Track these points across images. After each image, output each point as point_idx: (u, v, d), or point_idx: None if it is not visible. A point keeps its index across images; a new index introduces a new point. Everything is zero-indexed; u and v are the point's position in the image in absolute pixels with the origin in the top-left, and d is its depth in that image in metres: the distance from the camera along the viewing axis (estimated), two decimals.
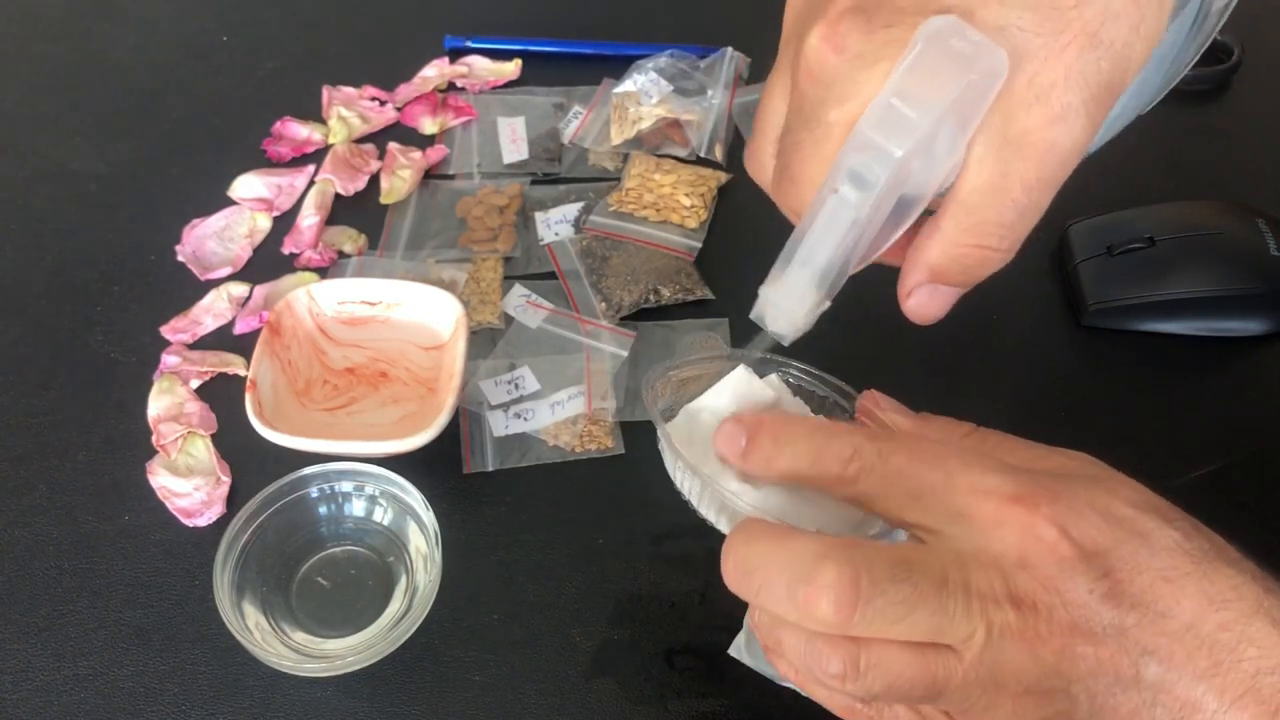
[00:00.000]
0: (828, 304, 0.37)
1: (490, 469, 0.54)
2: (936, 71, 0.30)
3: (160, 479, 0.53)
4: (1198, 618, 0.30)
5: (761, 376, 0.42)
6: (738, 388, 0.42)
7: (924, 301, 0.36)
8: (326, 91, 0.73)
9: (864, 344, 0.57)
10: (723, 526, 0.39)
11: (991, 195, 0.32)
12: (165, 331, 0.60)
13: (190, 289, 0.62)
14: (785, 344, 0.38)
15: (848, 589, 0.31)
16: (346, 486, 0.51)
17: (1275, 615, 0.30)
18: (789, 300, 0.37)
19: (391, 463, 0.50)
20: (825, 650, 0.32)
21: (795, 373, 0.44)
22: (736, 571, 0.34)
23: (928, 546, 0.33)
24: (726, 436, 0.37)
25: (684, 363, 0.44)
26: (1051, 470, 0.35)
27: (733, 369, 0.42)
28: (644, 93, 0.69)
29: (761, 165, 0.38)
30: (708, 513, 0.39)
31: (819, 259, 0.35)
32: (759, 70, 0.75)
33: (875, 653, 0.32)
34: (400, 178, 0.67)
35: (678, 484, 0.40)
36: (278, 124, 0.72)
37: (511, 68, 0.76)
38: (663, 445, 0.40)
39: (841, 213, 0.33)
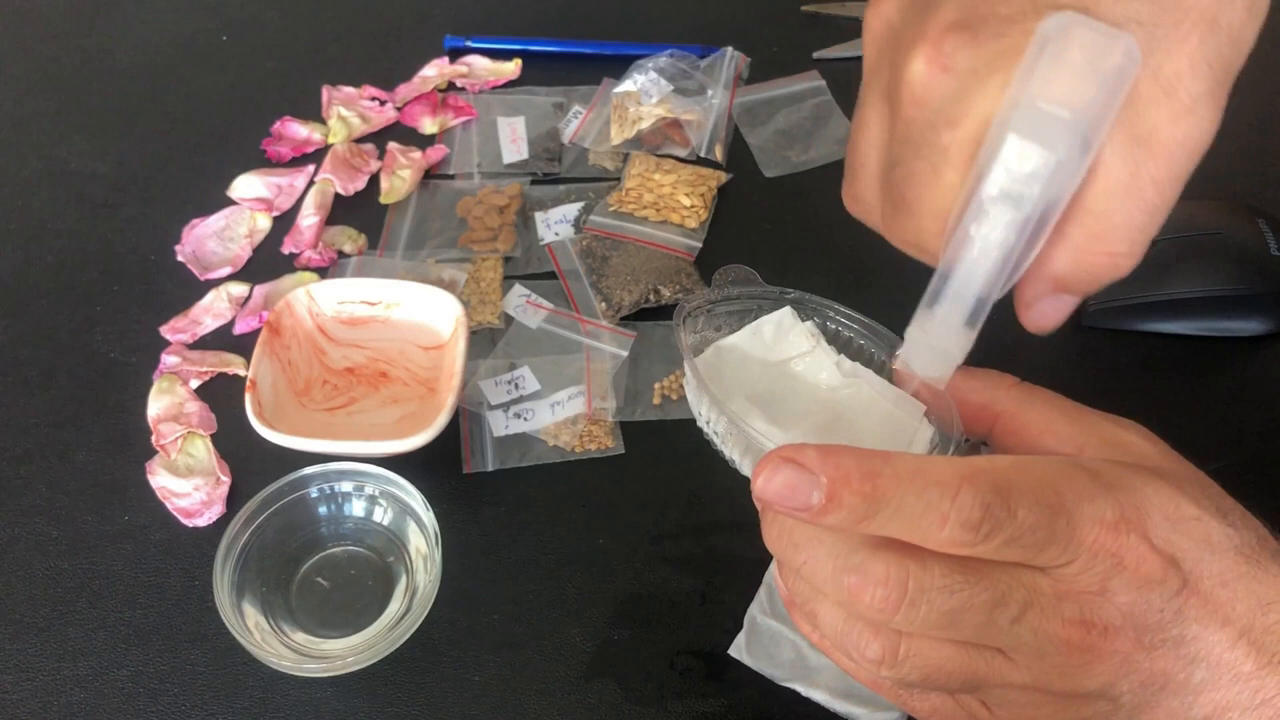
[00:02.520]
0: (975, 336, 0.35)
1: (490, 469, 0.54)
2: (1074, 67, 0.29)
3: (160, 479, 0.53)
4: (1250, 623, 0.30)
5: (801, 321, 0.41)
6: (776, 330, 0.41)
7: (1047, 313, 0.34)
8: (326, 91, 0.73)
9: None
10: (746, 469, 0.37)
11: (1123, 198, 0.30)
12: (165, 331, 0.60)
13: (190, 289, 0.62)
14: (940, 387, 0.37)
15: (895, 589, 0.30)
16: (346, 486, 0.51)
17: None
18: (945, 340, 0.35)
19: (391, 463, 0.50)
20: (865, 634, 0.31)
21: (836, 318, 0.42)
22: (781, 542, 0.32)
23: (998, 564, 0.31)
24: (787, 478, 0.30)
25: (721, 297, 0.42)
26: (1119, 457, 0.33)
27: (773, 309, 0.41)
28: (644, 93, 0.69)
29: (867, 204, 0.35)
30: (732, 453, 0.38)
31: (973, 291, 0.33)
32: (759, 70, 0.75)
33: (916, 644, 0.31)
34: (400, 178, 0.67)
35: (701, 422, 0.38)
36: (278, 124, 0.72)
37: (511, 68, 0.76)
38: (688, 380, 0.38)
39: (994, 237, 0.31)
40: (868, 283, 0.60)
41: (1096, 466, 0.32)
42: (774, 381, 0.42)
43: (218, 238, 0.65)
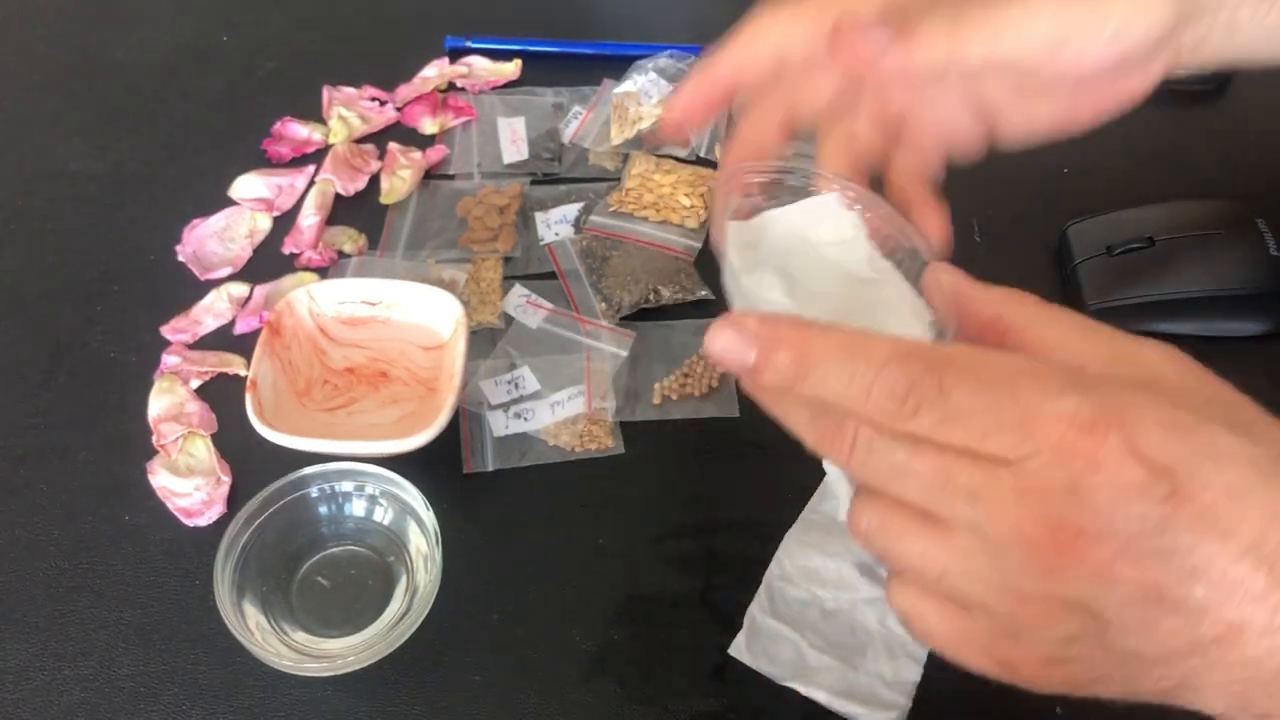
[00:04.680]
0: None
1: (490, 469, 0.54)
2: None
3: (160, 479, 0.53)
4: (1260, 537, 0.29)
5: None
6: (823, 212, 0.42)
7: None
8: (326, 91, 0.73)
9: None
10: None
11: None
12: (165, 331, 0.60)
13: (190, 289, 0.62)
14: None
15: (847, 431, 0.32)
16: (347, 486, 0.51)
17: None
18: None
19: (391, 463, 0.50)
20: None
21: (881, 213, 0.43)
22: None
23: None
24: (726, 342, 0.32)
25: (770, 167, 0.43)
26: (1130, 374, 0.33)
27: (817, 193, 0.42)
28: (644, 93, 0.69)
29: None
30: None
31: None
32: None
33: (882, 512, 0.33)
34: (400, 178, 0.67)
35: (729, 287, 0.39)
36: (278, 124, 0.72)
37: (511, 68, 0.76)
38: (724, 245, 0.40)
39: None
40: None
41: (1082, 372, 0.32)
42: (807, 260, 0.42)
43: (218, 238, 0.65)
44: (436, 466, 0.53)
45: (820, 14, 0.42)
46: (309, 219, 0.65)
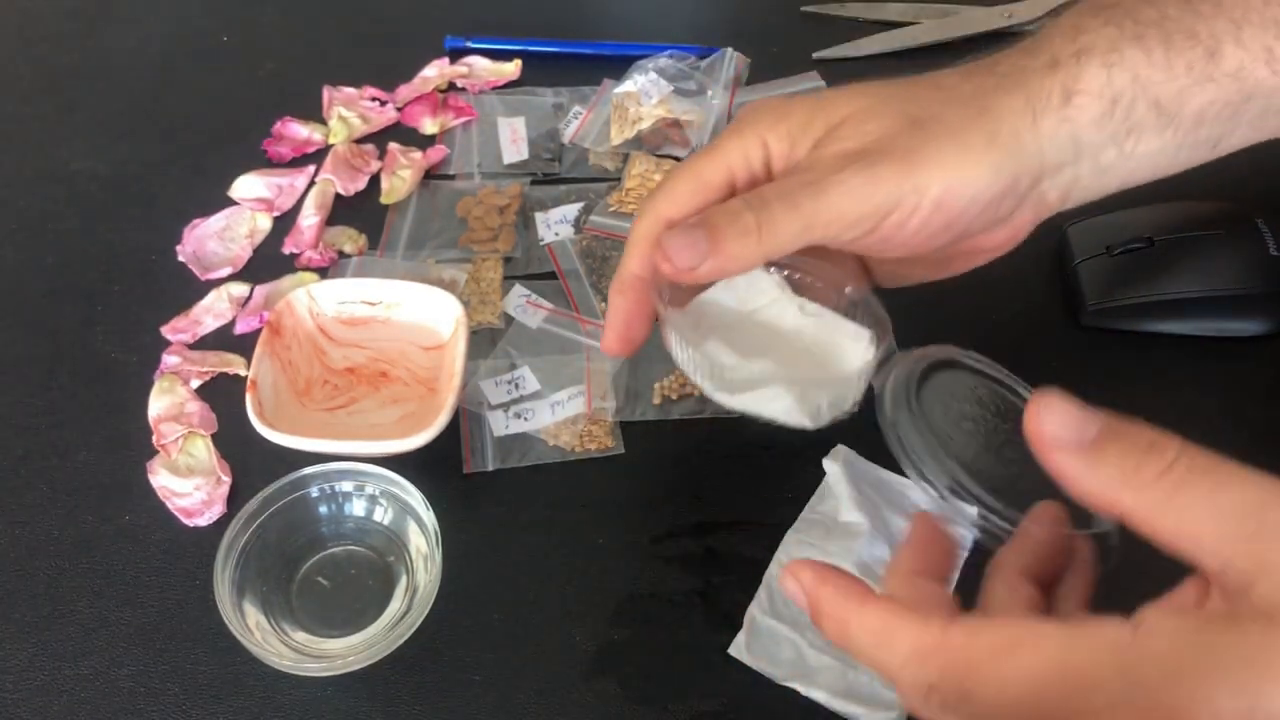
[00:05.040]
0: None
1: (490, 469, 0.54)
2: None
3: (160, 479, 0.53)
4: None
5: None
6: (747, 281, 0.46)
7: None
8: (326, 91, 0.73)
9: None
10: (710, 391, 0.44)
11: None
12: (165, 331, 0.60)
13: (190, 289, 0.62)
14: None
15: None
16: (347, 486, 0.51)
17: None
18: None
19: (391, 463, 0.50)
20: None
21: (796, 265, 0.47)
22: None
23: None
24: (789, 591, 0.36)
25: None
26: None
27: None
28: (644, 93, 0.69)
29: None
30: (702, 381, 0.45)
31: None
32: (759, 70, 0.75)
33: None
34: (400, 178, 0.67)
35: (679, 361, 0.45)
36: (278, 124, 0.72)
37: (511, 68, 0.76)
38: (664, 325, 0.44)
39: None
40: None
41: (1132, 677, 0.28)
42: (745, 327, 0.47)
43: (218, 238, 0.65)
44: (436, 466, 0.53)
45: (694, 190, 0.44)
46: (309, 219, 0.65)
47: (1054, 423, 0.32)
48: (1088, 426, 0.31)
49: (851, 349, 0.46)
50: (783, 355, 0.46)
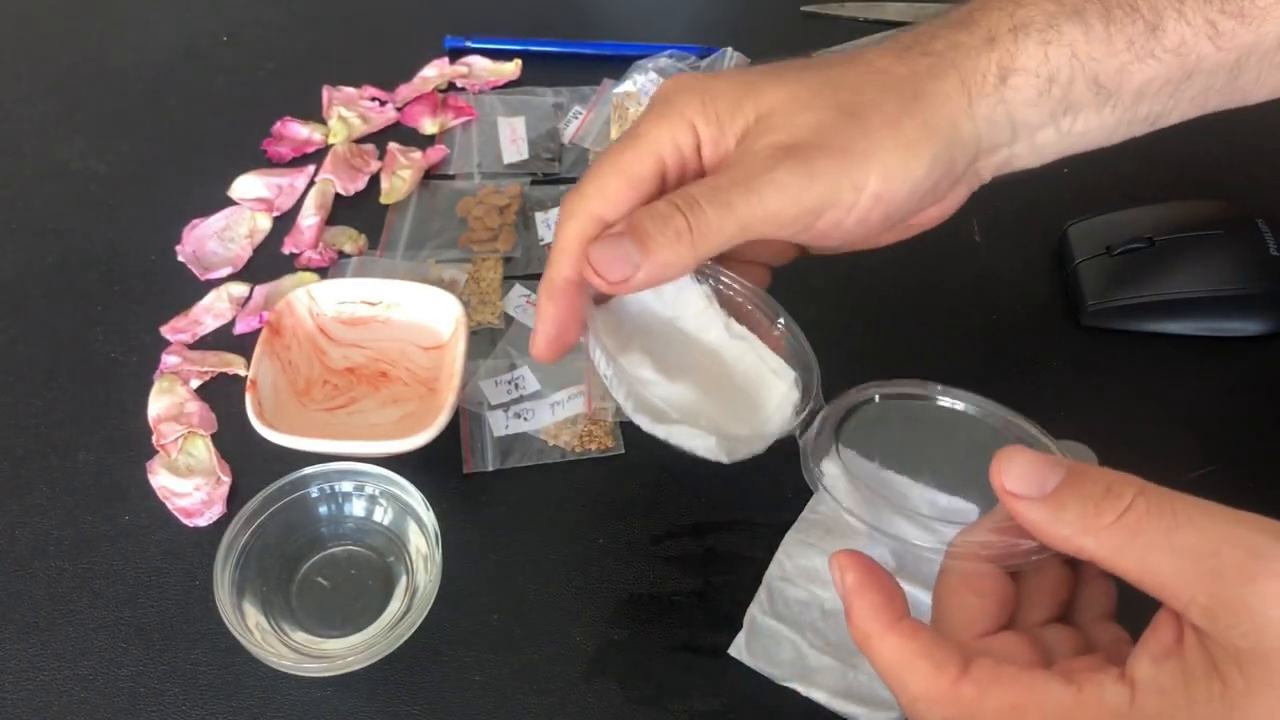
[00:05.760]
0: None
1: (490, 469, 0.54)
2: None
3: (160, 479, 0.53)
4: None
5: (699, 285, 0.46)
6: (675, 289, 0.45)
7: None
8: (326, 91, 0.73)
9: (864, 345, 0.57)
10: (629, 410, 0.43)
11: None
12: (165, 331, 0.60)
13: (190, 289, 0.62)
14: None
15: None
16: (346, 486, 0.51)
17: None
18: None
19: (391, 463, 0.50)
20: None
21: (729, 283, 0.46)
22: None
23: None
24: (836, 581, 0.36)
25: None
26: (1234, 632, 0.30)
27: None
28: (644, 93, 0.69)
29: None
30: (618, 395, 0.43)
31: None
32: None
33: None
34: (400, 178, 0.67)
35: (597, 366, 0.44)
36: (278, 124, 0.72)
37: (511, 68, 0.76)
38: (589, 329, 0.43)
39: None
40: (869, 288, 0.60)
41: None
42: (668, 335, 0.46)
43: (218, 238, 0.65)
44: (436, 466, 0.53)
45: (625, 185, 0.42)
46: (309, 219, 0.65)
47: (1015, 475, 0.33)
48: (1049, 477, 0.32)
49: (774, 387, 0.45)
50: (705, 378, 0.45)
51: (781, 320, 0.46)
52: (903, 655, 0.33)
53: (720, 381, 0.45)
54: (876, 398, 0.43)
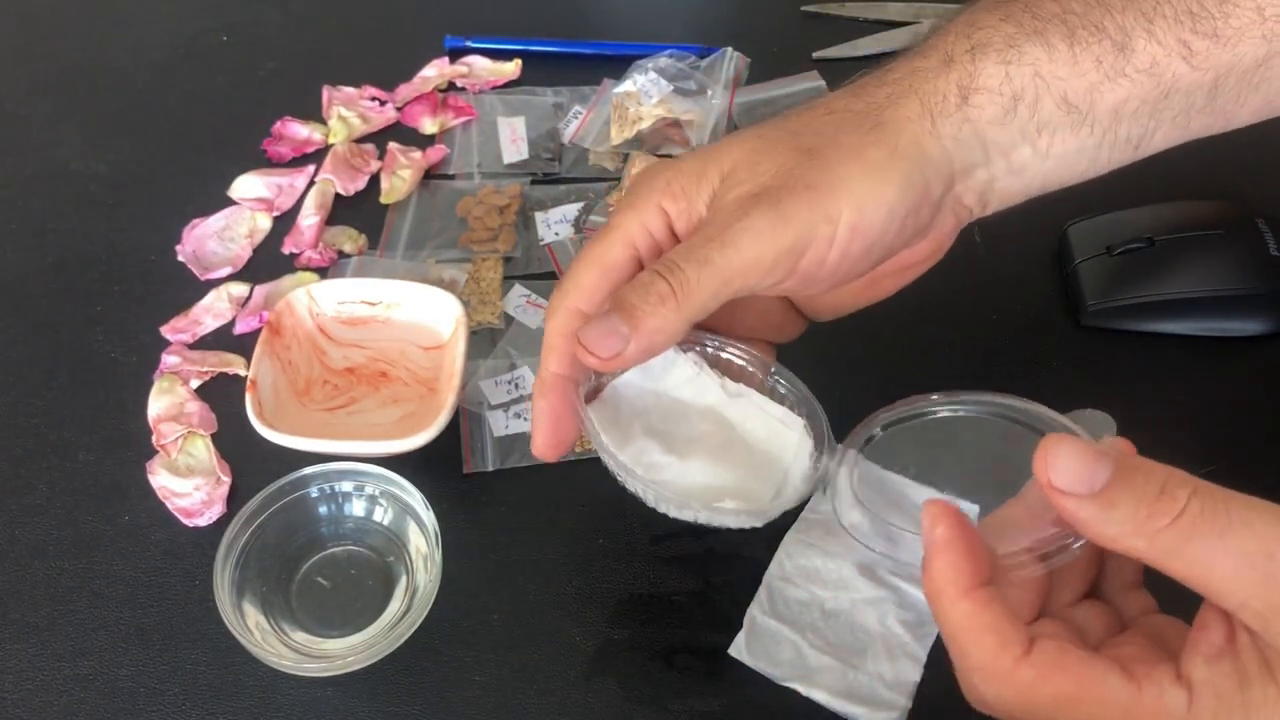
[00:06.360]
0: None
1: (490, 469, 0.54)
2: None
3: (160, 479, 0.53)
4: None
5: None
6: (662, 363, 0.44)
7: None
8: (326, 91, 0.73)
9: (863, 346, 0.57)
10: (651, 502, 0.43)
11: None
12: (165, 331, 0.60)
13: (190, 289, 0.62)
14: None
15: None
16: (346, 486, 0.51)
17: None
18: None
19: (391, 463, 0.50)
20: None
21: (713, 343, 0.46)
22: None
23: None
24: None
25: None
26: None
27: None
28: (644, 93, 0.69)
29: None
30: (635, 489, 0.44)
31: None
32: (759, 70, 0.75)
33: None
34: (400, 178, 0.67)
35: (607, 465, 0.44)
36: (278, 124, 0.72)
37: (511, 68, 0.76)
38: (589, 431, 0.43)
39: None
40: None
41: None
42: (667, 410, 0.46)
43: (218, 238, 0.65)
44: (436, 466, 0.53)
45: (599, 275, 0.42)
46: (309, 219, 0.65)
47: (1062, 470, 0.32)
48: (1098, 472, 0.31)
49: (786, 438, 0.45)
50: (715, 444, 0.45)
51: (773, 369, 0.46)
52: (972, 624, 0.33)
53: (731, 444, 0.45)
54: (879, 432, 0.43)
